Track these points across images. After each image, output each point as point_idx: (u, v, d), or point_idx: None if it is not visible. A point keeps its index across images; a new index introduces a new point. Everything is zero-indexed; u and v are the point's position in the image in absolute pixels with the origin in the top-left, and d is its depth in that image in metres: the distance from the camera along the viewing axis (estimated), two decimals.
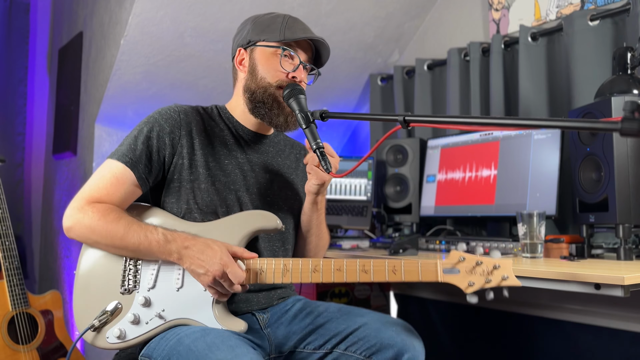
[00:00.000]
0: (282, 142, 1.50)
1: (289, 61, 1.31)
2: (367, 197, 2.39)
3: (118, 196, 1.24)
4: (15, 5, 3.13)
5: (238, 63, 1.38)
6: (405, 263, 1.16)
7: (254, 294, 1.32)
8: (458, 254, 1.14)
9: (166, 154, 1.28)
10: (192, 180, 1.28)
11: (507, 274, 1.12)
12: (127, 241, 1.19)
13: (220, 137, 1.36)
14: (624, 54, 1.61)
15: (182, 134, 1.29)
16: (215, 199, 1.29)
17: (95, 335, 1.21)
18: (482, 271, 1.13)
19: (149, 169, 1.27)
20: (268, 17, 1.36)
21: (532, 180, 1.85)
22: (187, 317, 1.21)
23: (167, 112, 1.31)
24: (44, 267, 3.09)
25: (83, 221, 1.21)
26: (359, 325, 1.29)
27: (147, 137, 1.27)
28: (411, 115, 1.03)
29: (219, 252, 1.16)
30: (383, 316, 1.33)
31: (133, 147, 1.26)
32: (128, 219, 1.20)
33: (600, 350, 1.87)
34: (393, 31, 2.68)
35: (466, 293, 1.14)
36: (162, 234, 1.19)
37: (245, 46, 1.36)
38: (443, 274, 1.15)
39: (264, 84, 1.31)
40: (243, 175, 1.35)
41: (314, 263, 1.19)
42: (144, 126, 1.29)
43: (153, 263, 1.24)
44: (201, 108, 1.39)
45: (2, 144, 3.04)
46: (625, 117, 0.74)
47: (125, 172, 1.24)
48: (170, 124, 1.29)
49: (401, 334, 1.27)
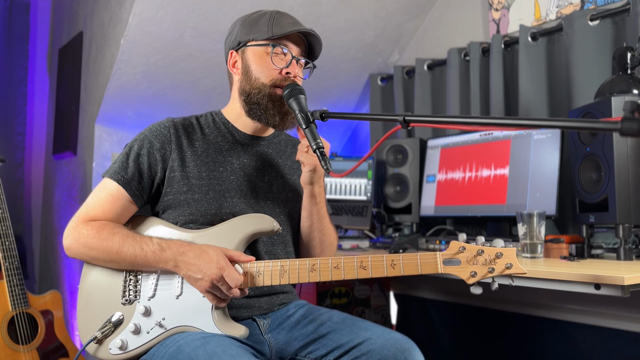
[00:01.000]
0: (283, 142, 1.48)
1: (281, 57, 1.30)
2: (367, 197, 2.39)
3: (114, 212, 1.27)
4: (15, 5, 3.13)
5: (231, 66, 1.36)
6: (404, 257, 1.13)
7: (255, 299, 1.31)
8: (458, 244, 1.10)
9: (158, 169, 1.29)
10: (185, 192, 1.28)
11: (510, 262, 1.07)
12: (123, 255, 1.20)
13: (214, 144, 1.35)
14: (624, 54, 1.61)
15: (172, 148, 1.30)
16: (210, 208, 1.28)
17: (97, 347, 1.21)
18: (484, 260, 1.08)
19: (142, 185, 1.28)
20: (255, 16, 1.34)
21: (532, 180, 1.85)
22: (187, 325, 1.20)
23: (157, 128, 1.32)
24: (44, 267, 3.09)
25: (79, 239, 1.23)
26: (363, 339, 1.27)
27: (137, 154, 1.29)
28: (411, 115, 1.03)
29: (215, 256, 1.16)
30: (387, 331, 1.31)
31: (125, 165, 1.28)
32: (122, 233, 1.22)
33: (600, 350, 1.87)
34: (393, 31, 2.68)
35: (469, 284, 1.09)
36: (157, 243, 1.19)
37: (236, 48, 1.34)
38: (443, 265, 1.11)
39: (258, 84, 1.30)
40: (239, 181, 1.34)
41: (311, 262, 1.18)
42: (134, 144, 1.31)
43: (153, 273, 1.24)
44: (195, 118, 1.39)
45: (2, 144, 3.04)
46: (625, 117, 0.74)
47: (119, 190, 1.26)
48: (161, 140, 1.30)
49: (404, 352, 1.24)
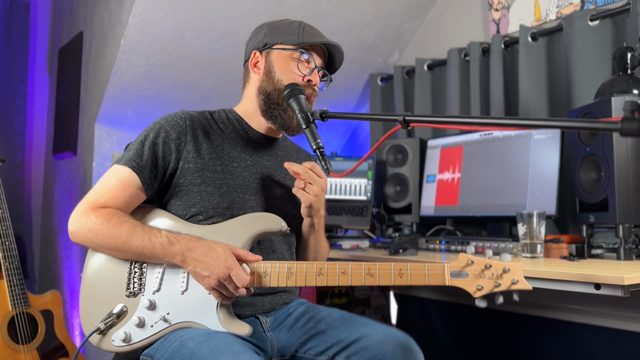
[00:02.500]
0: (290, 147, 1.52)
1: (305, 64, 1.34)
2: (367, 197, 2.39)
3: (123, 200, 1.25)
4: (15, 5, 3.13)
5: (252, 65, 1.38)
6: (412, 267, 1.13)
7: (259, 297, 1.32)
8: (466, 257, 1.12)
9: (172, 159, 1.29)
10: (199, 184, 1.29)
11: (517, 277, 1.08)
12: (131, 245, 1.19)
13: (229, 139, 1.36)
14: (624, 54, 1.61)
15: (187, 140, 1.30)
16: (222, 202, 1.29)
17: (100, 338, 1.21)
18: (491, 275, 1.10)
19: (154, 174, 1.28)
20: (284, 23, 1.39)
21: (532, 180, 1.85)
22: (191, 321, 1.20)
23: (174, 118, 1.32)
24: (44, 267, 3.09)
25: (86, 225, 1.22)
26: (361, 335, 1.28)
27: (153, 142, 1.28)
28: (411, 115, 1.03)
29: (223, 254, 1.16)
30: (384, 327, 1.33)
31: (140, 152, 1.27)
32: (131, 222, 1.21)
33: (600, 350, 1.87)
34: (393, 31, 2.68)
35: (475, 297, 1.11)
36: (165, 236, 1.19)
37: (261, 49, 1.37)
38: (451, 277, 1.12)
39: (280, 86, 1.32)
40: (251, 178, 1.35)
41: (318, 266, 1.18)
42: (150, 132, 1.30)
43: (158, 266, 1.24)
44: (208, 113, 1.40)
45: (2, 144, 3.04)
46: (625, 117, 0.74)
47: (131, 177, 1.25)
48: (177, 130, 1.30)
49: (402, 347, 1.26)
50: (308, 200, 1.32)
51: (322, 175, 1.31)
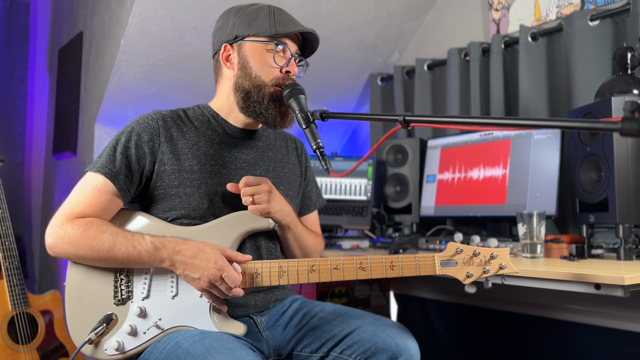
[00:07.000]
0: (272, 136, 1.47)
1: (281, 54, 1.29)
2: (367, 197, 2.39)
3: (100, 207, 1.21)
4: (15, 5, 3.13)
5: (224, 59, 1.32)
6: (403, 258, 1.16)
7: (251, 296, 1.31)
8: (455, 246, 1.15)
9: (146, 162, 1.25)
10: (177, 186, 1.25)
11: (504, 262, 1.14)
12: (115, 254, 1.15)
13: (205, 137, 1.32)
14: (624, 54, 1.60)
15: (161, 141, 1.26)
16: (202, 202, 1.26)
17: (93, 348, 1.20)
18: (479, 261, 1.15)
19: (130, 179, 1.24)
20: (252, 10, 1.32)
21: (532, 180, 1.85)
22: (185, 325, 1.19)
23: (145, 119, 1.28)
24: (44, 267, 3.09)
25: (65, 238, 1.17)
26: (354, 328, 1.28)
27: (125, 147, 1.24)
28: (411, 115, 1.03)
29: (213, 255, 1.14)
30: (378, 318, 1.32)
31: (112, 158, 1.23)
32: (112, 231, 1.16)
33: (600, 350, 1.87)
34: (393, 31, 2.68)
35: (464, 284, 1.15)
36: (150, 242, 1.15)
37: (231, 42, 1.31)
38: (441, 267, 1.16)
39: (258, 82, 1.28)
40: (231, 175, 1.31)
41: (310, 263, 1.18)
42: (121, 136, 1.26)
43: (144, 272, 1.21)
44: (182, 111, 1.35)
45: (2, 144, 3.04)
46: (625, 117, 0.74)
47: (106, 184, 1.21)
48: (149, 132, 1.26)
49: (396, 337, 1.26)
50: (265, 211, 1.27)
51: (260, 180, 1.27)
